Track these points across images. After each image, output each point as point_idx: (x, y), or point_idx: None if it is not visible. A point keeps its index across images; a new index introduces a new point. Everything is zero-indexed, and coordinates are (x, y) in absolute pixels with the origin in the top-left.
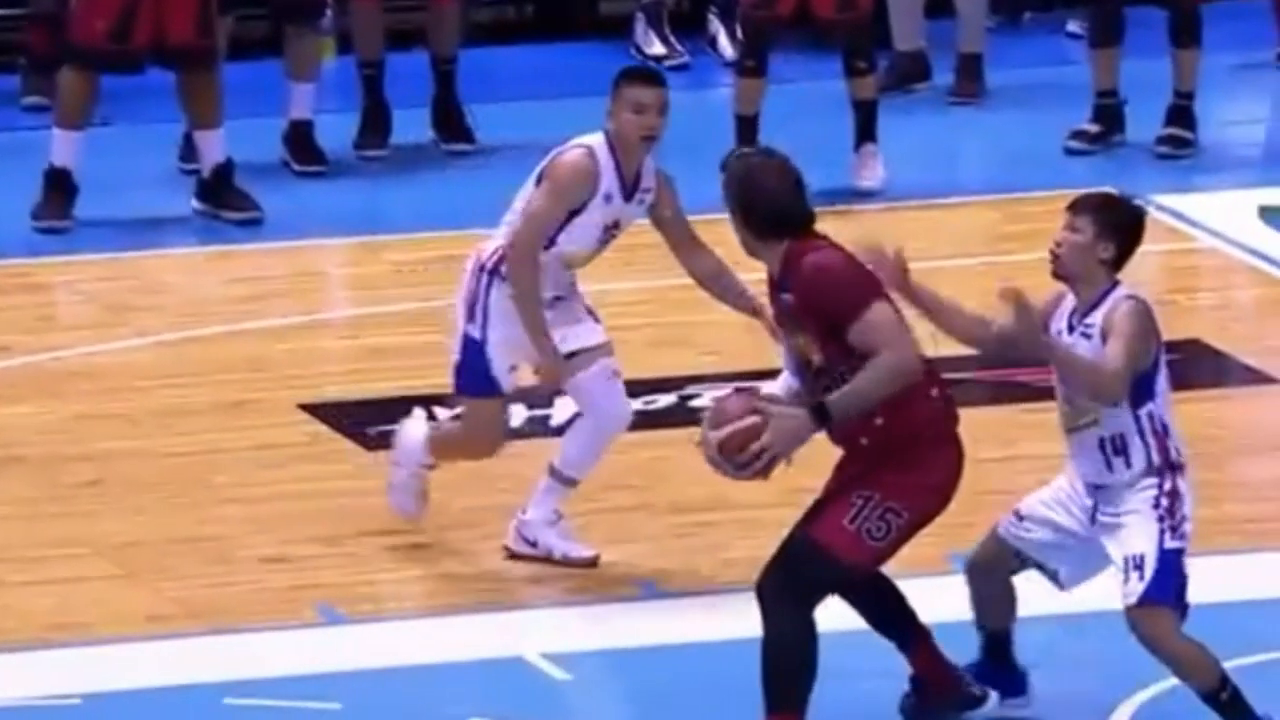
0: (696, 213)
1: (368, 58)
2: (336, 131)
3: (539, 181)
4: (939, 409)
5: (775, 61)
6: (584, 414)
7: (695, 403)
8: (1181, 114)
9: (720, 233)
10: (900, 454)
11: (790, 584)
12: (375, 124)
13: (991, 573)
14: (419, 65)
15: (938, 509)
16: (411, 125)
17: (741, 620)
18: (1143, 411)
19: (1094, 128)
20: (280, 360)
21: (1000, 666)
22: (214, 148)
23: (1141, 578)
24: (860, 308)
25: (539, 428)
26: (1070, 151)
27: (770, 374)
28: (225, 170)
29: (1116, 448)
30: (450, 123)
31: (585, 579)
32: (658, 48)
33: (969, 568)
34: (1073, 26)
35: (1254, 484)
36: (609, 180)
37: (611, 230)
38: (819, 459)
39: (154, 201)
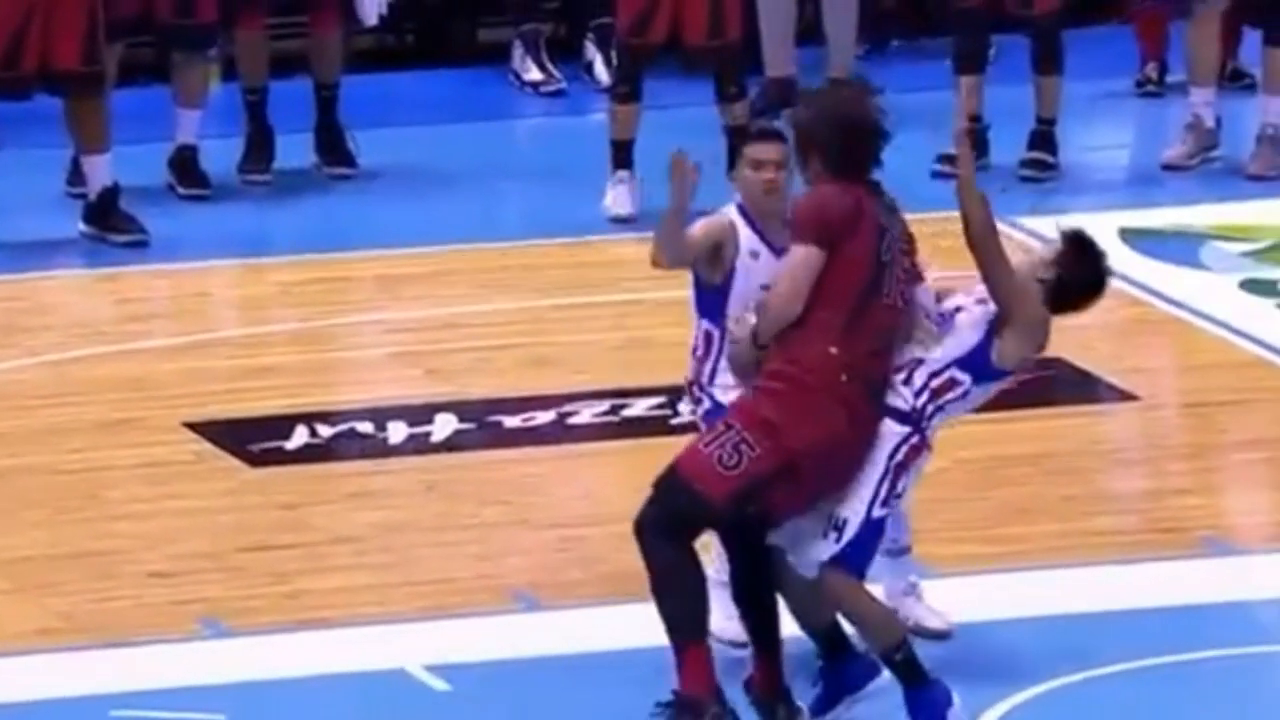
0: (572, 234)
1: (252, 84)
2: (221, 156)
3: None
4: (832, 368)
5: (649, 86)
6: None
7: (571, 420)
8: (1044, 139)
9: (614, 251)
10: (781, 397)
11: (659, 517)
12: (259, 148)
13: (790, 575)
14: (302, 91)
15: (800, 465)
16: (294, 150)
17: (619, 632)
18: (952, 366)
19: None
20: (166, 379)
21: (842, 660)
22: (100, 172)
23: (839, 540)
24: (793, 242)
25: (420, 444)
26: (936, 175)
27: (642, 391)
28: (111, 194)
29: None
30: (332, 147)
31: (465, 593)
32: (535, 74)
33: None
34: None
35: (1120, 497)
36: (748, 239)
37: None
38: None
39: (42, 224)
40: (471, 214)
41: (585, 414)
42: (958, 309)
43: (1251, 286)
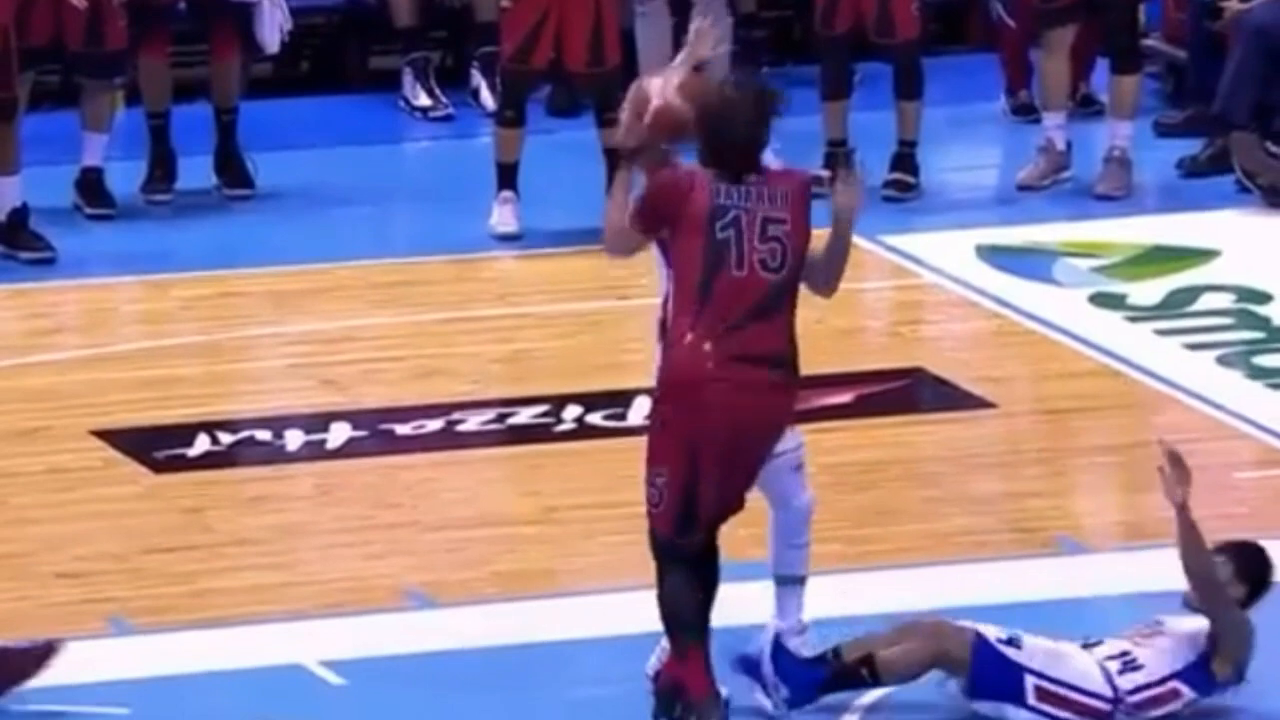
0: (461, 252)
1: (155, 109)
2: (125, 177)
3: None
4: (696, 355)
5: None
6: (772, 509)
7: (459, 428)
8: (905, 161)
9: (499, 267)
10: (656, 409)
11: (654, 553)
12: (162, 170)
13: None
14: (202, 116)
15: (700, 464)
16: (195, 171)
17: (505, 628)
18: (1174, 679)
19: (825, 174)
20: (73, 389)
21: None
22: (10, 193)
23: None
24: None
25: (316, 451)
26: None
27: (527, 400)
28: (20, 214)
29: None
30: (231, 169)
31: (359, 592)
32: (424, 100)
33: None
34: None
35: (976, 500)
36: None
37: None
38: (571, 474)
39: None
40: (363, 232)
41: (472, 422)
42: (1159, 621)
43: (1100, 300)
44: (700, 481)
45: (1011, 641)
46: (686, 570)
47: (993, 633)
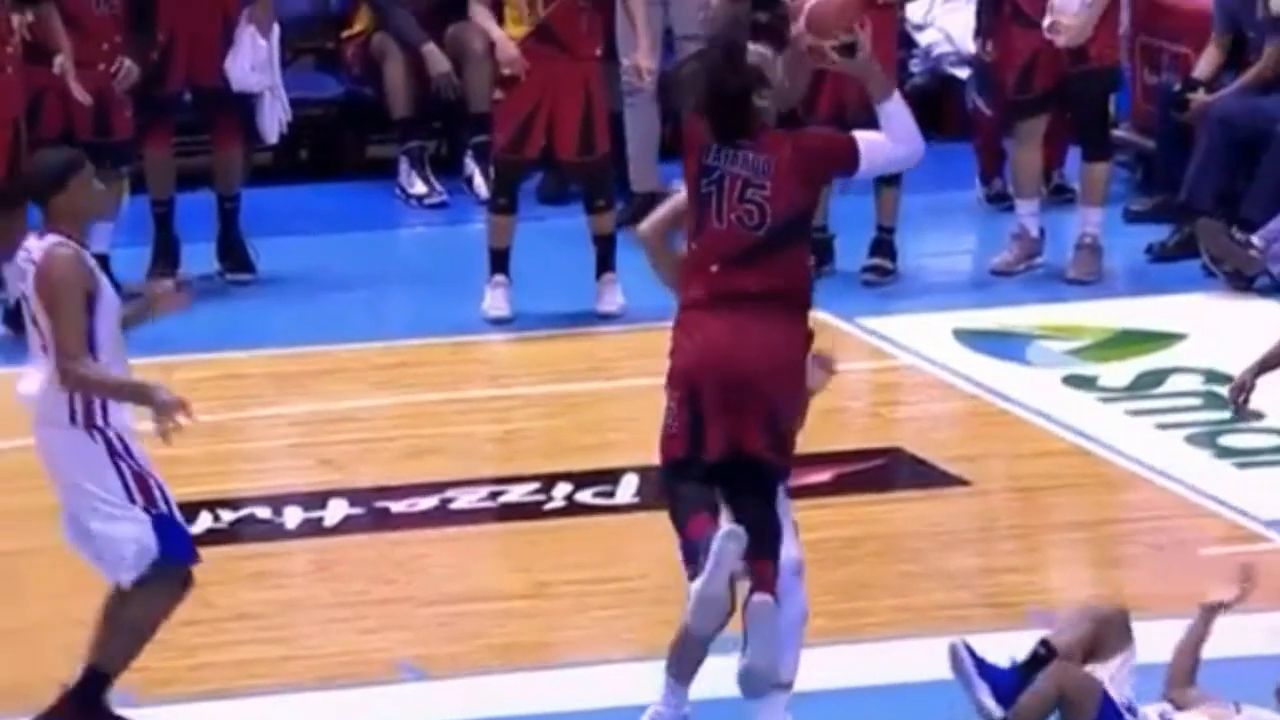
0: (455, 334)
1: (159, 196)
2: (131, 263)
3: None
4: (688, 290)
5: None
6: None
7: (452, 505)
8: (884, 246)
9: (492, 350)
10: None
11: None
12: (166, 256)
13: None
14: (206, 203)
15: (694, 382)
16: (199, 257)
17: (497, 699)
18: None
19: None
20: None
21: None
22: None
23: None
24: None
25: (314, 528)
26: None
27: (518, 479)
28: None
29: None
30: (233, 255)
31: (356, 665)
32: (420, 188)
33: None
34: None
35: (952, 575)
36: None
37: None
38: (562, 550)
39: None
40: (361, 316)
41: (465, 500)
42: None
43: (1073, 381)
44: (704, 407)
45: (1130, 709)
46: (697, 485)
47: (1114, 693)
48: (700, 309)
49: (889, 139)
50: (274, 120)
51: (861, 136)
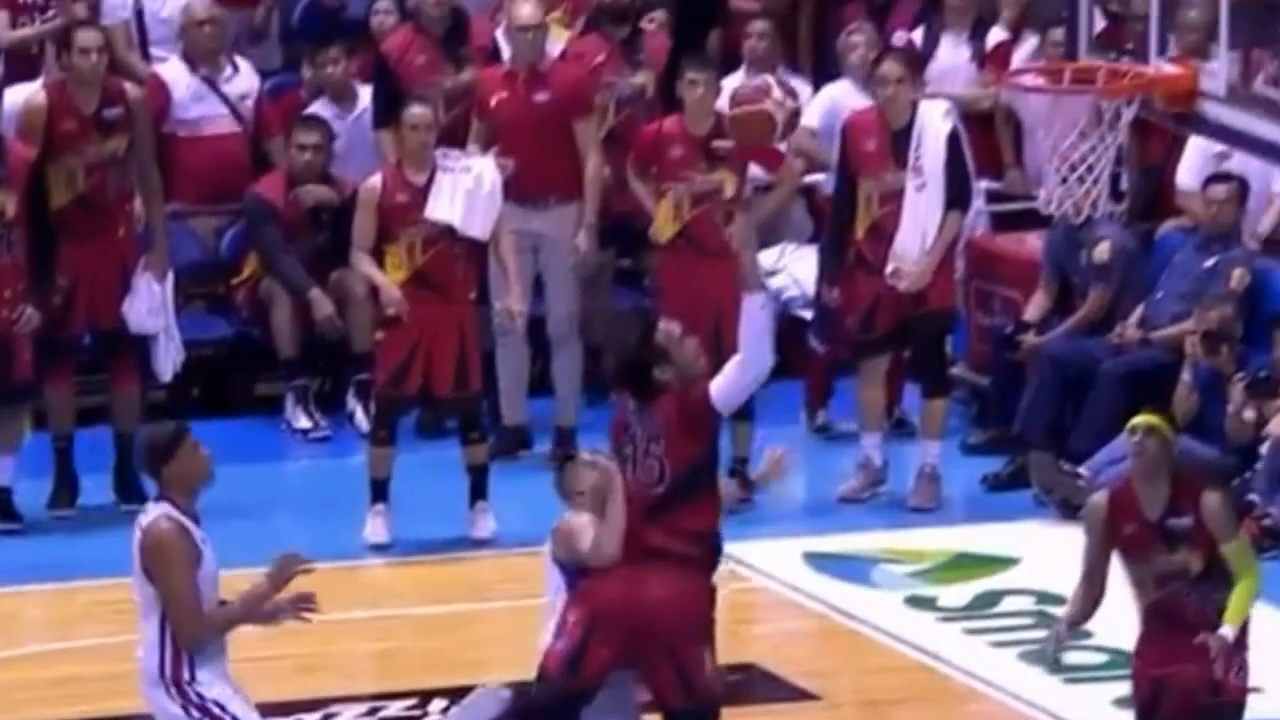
0: (338, 559)
1: (59, 432)
2: (33, 494)
3: None
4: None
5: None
6: None
7: None
8: (739, 477)
9: (372, 574)
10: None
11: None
12: (65, 488)
13: None
14: (103, 438)
15: (596, 615)
16: (96, 489)
17: None
18: None
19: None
20: None
21: None
22: None
23: None
24: None
25: None
26: None
27: (397, 695)
28: None
29: None
30: (129, 487)
31: None
32: (304, 422)
33: None
34: None
35: None
36: None
37: None
38: None
39: None
40: (250, 543)
41: (346, 715)
42: None
43: (914, 602)
44: (594, 639)
45: None
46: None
47: None
48: (625, 559)
49: (740, 365)
50: (168, 360)
51: (714, 384)
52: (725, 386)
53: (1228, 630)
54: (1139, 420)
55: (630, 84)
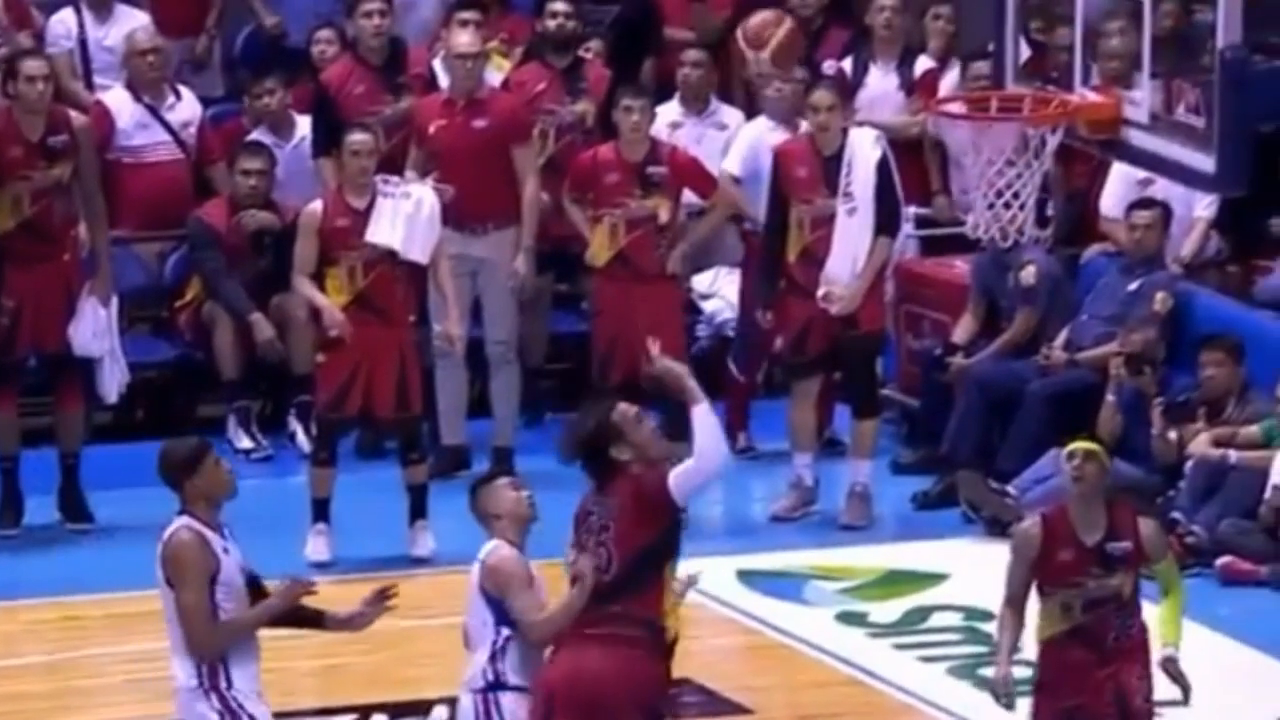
0: (278, 577)
1: (4, 453)
2: None
3: None
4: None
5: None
6: None
7: None
8: None
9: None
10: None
11: None
12: (10, 508)
13: None
14: (48, 459)
15: (549, 702)
16: (41, 509)
17: None
18: None
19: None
20: None
21: None
22: None
23: None
24: None
25: None
26: None
27: (338, 710)
28: None
29: None
30: (74, 507)
31: None
32: (246, 442)
33: None
34: None
35: None
36: None
37: None
38: None
39: None
40: None
41: None
42: None
43: (845, 618)
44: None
45: None
46: None
47: None
48: (570, 640)
49: (696, 459)
50: (113, 382)
51: (673, 474)
52: (682, 479)
53: (1173, 651)
54: (1077, 445)
55: (571, 112)
